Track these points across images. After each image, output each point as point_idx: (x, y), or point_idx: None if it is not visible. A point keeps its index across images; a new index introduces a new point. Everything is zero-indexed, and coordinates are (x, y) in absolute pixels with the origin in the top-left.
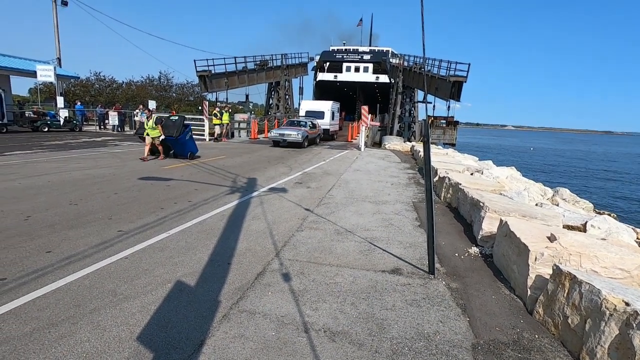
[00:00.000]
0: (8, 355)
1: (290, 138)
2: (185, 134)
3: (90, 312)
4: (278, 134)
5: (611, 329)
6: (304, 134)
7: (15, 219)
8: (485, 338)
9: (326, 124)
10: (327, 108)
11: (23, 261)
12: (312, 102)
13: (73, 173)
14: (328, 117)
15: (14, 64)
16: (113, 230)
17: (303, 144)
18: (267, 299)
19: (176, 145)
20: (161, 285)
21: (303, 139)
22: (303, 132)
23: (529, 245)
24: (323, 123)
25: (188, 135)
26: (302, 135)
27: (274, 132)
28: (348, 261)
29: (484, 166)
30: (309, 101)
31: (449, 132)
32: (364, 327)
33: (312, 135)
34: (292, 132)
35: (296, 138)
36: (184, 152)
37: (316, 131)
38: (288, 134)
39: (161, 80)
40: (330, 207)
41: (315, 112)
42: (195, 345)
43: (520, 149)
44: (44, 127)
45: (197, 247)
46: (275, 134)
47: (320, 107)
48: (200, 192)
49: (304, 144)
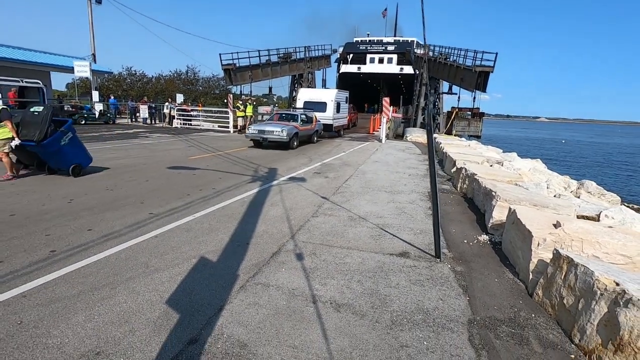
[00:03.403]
0: (61, 310)
1: (273, 136)
2: (56, 138)
3: (126, 280)
4: (257, 131)
5: (601, 308)
6: (290, 130)
7: (59, 202)
8: (482, 315)
9: (328, 118)
10: (330, 98)
11: (69, 237)
12: (312, 91)
13: (108, 162)
14: (331, 109)
15: (54, 60)
16: (145, 213)
17: (290, 144)
18: (281, 275)
19: (45, 154)
20: (187, 260)
21: (290, 138)
22: (290, 128)
23: (533, 231)
24: (325, 117)
25: (65, 139)
26: (288, 132)
27: (252, 128)
28: (358, 245)
29: (507, 158)
30: (308, 89)
31: (474, 124)
32: (367, 301)
33: (305, 132)
34: (276, 129)
35: (280, 136)
36: (60, 163)
37: (311, 127)
38: (270, 130)
39: (188, 74)
40: (345, 196)
41: (316, 102)
42: (215, 310)
43: (551, 141)
44: (81, 120)
45: (219, 229)
46: (253, 131)
47: (322, 96)
48: (223, 180)
49: (291, 144)
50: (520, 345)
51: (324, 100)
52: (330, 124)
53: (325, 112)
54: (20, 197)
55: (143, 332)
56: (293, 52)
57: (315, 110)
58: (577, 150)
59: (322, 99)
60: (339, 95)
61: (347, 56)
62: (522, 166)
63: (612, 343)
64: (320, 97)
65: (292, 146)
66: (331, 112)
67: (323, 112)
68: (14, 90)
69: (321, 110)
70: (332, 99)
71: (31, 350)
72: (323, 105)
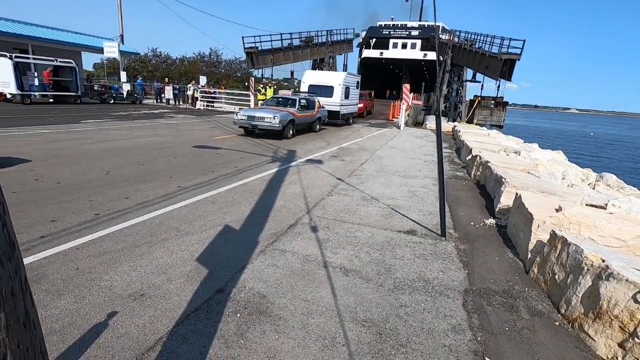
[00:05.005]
0: (109, 261)
1: (263, 123)
2: None
3: (162, 240)
4: (246, 117)
5: (586, 281)
6: (284, 117)
7: (99, 173)
8: (478, 286)
9: (335, 104)
10: (337, 81)
11: (109, 203)
12: (318, 73)
13: (138, 140)
14: (339, 94)
15: (84, 40)
16: (174, 186)
17: (284, 133)
18: (296, 243)
19: None
20: (213, 227)
21: (283, 126)
22: (284, 114)
23: (534, 214)
24: (331, 102)
25: None
26: (281, 119)
27: (241, 113)
28: (369, 221)
29: (526, 148)
30: (313, 72)
31: (496, 113)
32: (373, 268)
33: (303, 119)
34: (267, 115)
35: (271, 123)
36: None
37: (311, 113)
38: (260, 117)
39: (211, 56)
40: (360, 178)
41: (322, 86)
42: (238, 268)
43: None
44: (110, 99)
45: (241, 202)
46: (242, 117)
47: (329, 79)
48: (245, 160)
49: (285, 133)
50: (509, 312)
51: (331, 84)
52: (336, 110)
53: (332, 98)
54: (64, 167)
55: (178, 281)
56: (315, 36)
57: (322, 95)
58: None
59: (329, 82)
60: (348, 79)
61: (370, 41)
62: (541, 157)
63: (592, 312)
64: (327, 81)
65: (287, 135)
66: (338, 98)
67: (329, 97)
68: (49, 70)
69: (327, 95)
70: (339, 83)
71: (88, 289)
72: (329, 89)
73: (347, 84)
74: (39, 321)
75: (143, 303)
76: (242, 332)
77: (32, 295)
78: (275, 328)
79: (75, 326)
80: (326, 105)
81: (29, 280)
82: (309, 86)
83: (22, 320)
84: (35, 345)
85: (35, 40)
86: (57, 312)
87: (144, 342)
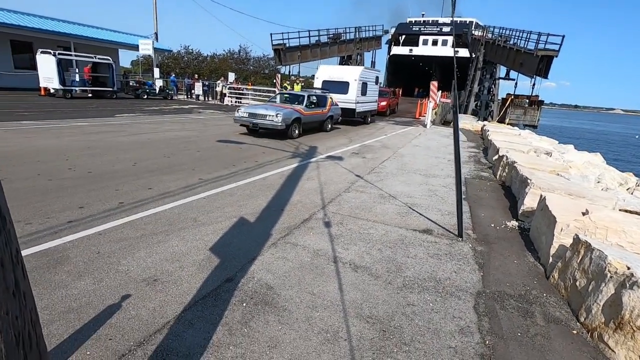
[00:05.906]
0: (127, 247)
1: (265, 122)
2: None
3: (179, 229)
4: (247, 115)
5: (608, 289)
6: (288, 115)
7: (126, 164)
8: (493, 289)
9: (351, 101)
10: (353, 77)
11: (133, 193)
12: (333, 68)
13: (166, 134)
14: (354, 91)
15: (121, 38)
16: (195, 178)
17: (289, 132)
18: (308, 237)
19: None
20: (229, 219)
21: (287, 125)
22: (288, 112)
23: (557, 217)
24: (346, 99)
25: None
26: (284, 117)
27: (242, 110)
28: (384, 219)
29: (560, 149)
30: (328, 66)
31: (530, 113)
32: (384, 266)
33: (312, 118)
34: (269, 113)
35: (273, 122)
36: None
37: (322, 111)
38: (262, 114)
39: (240, 53)
40: (380, 176)
41: (336, 82)
42: (248, 259)
43: (623, 136)
44: (144, 95)
45: (259, 195)
46: (243, 114)
47: (344, 74)
48: (266, 155)
49: (290, 132)
50: (524, 317)
51: (346, 79)
52: (352, 108)
53: (347, 94)
54: (95, 158)
55: (190, 269)
56: (343, 32)
57: (336, 92)
58: None
59: (344, 77)
60: (365, 73)
61: (399, 37)
62: (576, 159)
63: (613, 322)
64: (342, 76)
65: (292, 135)
66: (354, 94)
67: (344, 93)
68: (89, 66)
69: (342, 92)
70: (355, 78)
71: (107, 272)
72: (344, 85)
73: (365, 79)
74: (31, 292)
75: (155, 288)
76: (246, 320)
77: (25, 269)
78: (279, 319)
79: (92, 306)
80: (341, 102)
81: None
82: (323, 82)
83: (11, 290)
84: (25, 314)
85: (76, 38)
86: (76, 292)
87: (152, 324)
